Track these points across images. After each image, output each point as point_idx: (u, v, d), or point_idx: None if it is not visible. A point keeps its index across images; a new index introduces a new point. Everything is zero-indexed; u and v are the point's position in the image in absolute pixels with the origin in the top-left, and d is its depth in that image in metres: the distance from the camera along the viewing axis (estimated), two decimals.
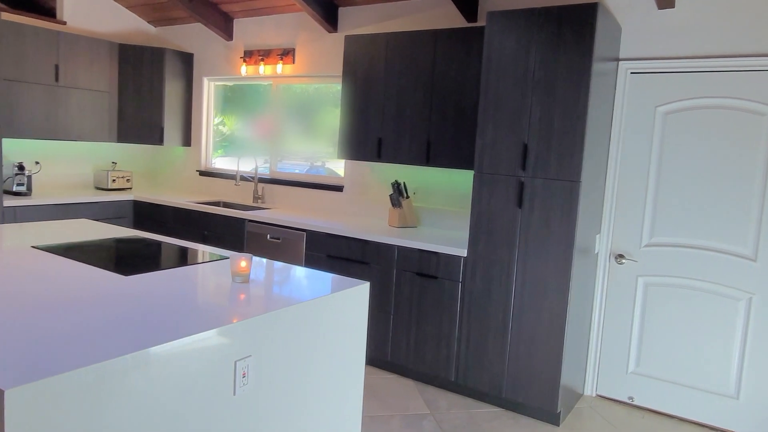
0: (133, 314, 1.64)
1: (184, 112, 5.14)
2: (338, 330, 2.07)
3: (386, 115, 3.68)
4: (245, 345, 1.68)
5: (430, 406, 3.07)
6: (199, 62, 5.14)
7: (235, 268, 2.11)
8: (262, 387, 1.76)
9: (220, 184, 5.07)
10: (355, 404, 2.21)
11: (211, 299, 1.85)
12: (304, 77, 4.54)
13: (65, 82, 4.48)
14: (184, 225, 4.43)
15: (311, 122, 4.61)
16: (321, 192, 4.45)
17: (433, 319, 3.26)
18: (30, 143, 4.60)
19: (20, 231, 2.79)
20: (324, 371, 2.02)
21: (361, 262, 3.52)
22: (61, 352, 1.33)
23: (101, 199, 4.53)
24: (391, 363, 3.50)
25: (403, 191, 3.88)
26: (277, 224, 3.89)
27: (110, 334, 1.47)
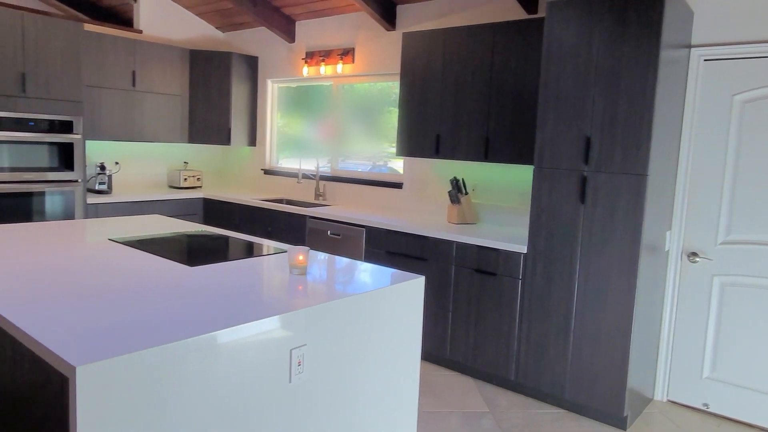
0: (196, 302, 1.72)
1: (249, 113, 5.33)
2: (393, 323, 2.08)
3: (444, 112, 3.66)
4: (301, 334, 1.73)
5: (489, 404, 3.02)
6: (264, 65, 5.31)
7: (293, 261, 2.17)
8: (317, 376, 1.79)
9: (284, 182, 5.22)
10: (410, 398, 2.21)
11: (269, 290, 1.91)
12: (364, 76, 4.59)
13: (141, 87, 4.76)
14: (250, 221, 4.59)
15: (373, 122, 4.65)
16: (381, 189, 4.48)
17: (492, 316, 3.21)
18: (110, 145, 4.92)
19: (100, 225, 2.99)
20: (378, 363, 2.04)
21: (420, 259, 3.52)
22: (129, 335, 1.41)
23: (174, 197, 4.78)
24: (450, 360, 3.48)
25: (462, 188, 3.84)
26: (338, 220, 3.96)
27: (174, 320, 1.54)
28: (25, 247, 2.37)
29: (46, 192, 3.98)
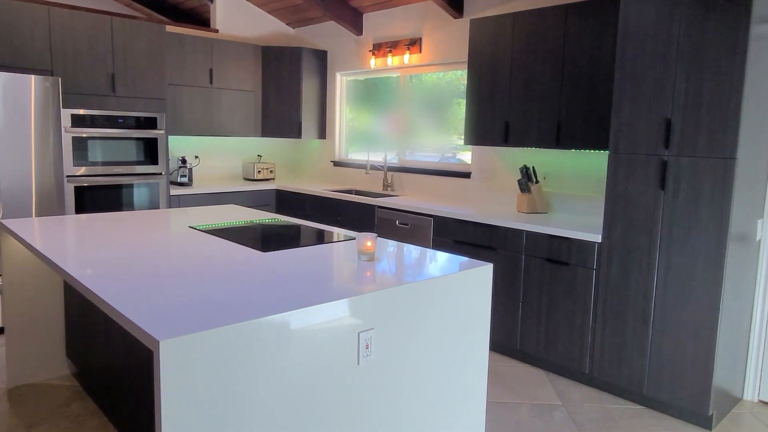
0: (268, 285, 1.79)
1: (319, 106, 5.44)
2: (461, 310, 2.06)
3: (513, 98, 3.57)
4: (368, 317, 1.75)
5: (561, 397, 2.94)
6: (332, 58, 5.40)
7: (361, 247, 2.20)
8: (384, 359, 1.82)
9: (353, 173, 5.29)
10: (479, 385, 2.19)
11: (338, 274, 1.95)
12: (431, 66, 4.56)
13: (218, 84, 4.97)
14: (320, 211, 4.70)
15: (441, 114, 4.62)
16: (448, 179, 4.45)
17: (564, 307, 3.11)
18: (190, 139, 5.18)
19: (181, 215, 3.17)
20: (446, 350, 2.03)
21: (488, 248, 3.47)
22: (208, 313, 1.49)
23: (249, 189, 4.97)
24: (520, 351, 3.41)
25: (532, 176, 3.74)
26: (406, 210, 3.97)
27: (249, 300, 1.61)
28: (115, 233, 2.55)
29: (134, 184, 4.25)
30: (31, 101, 3.60)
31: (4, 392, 2.82)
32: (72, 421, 2.55)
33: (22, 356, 2.91)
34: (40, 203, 3.69)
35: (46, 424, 2.52)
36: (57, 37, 3.83)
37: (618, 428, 2.64)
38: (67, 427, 2.50)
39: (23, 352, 2.92)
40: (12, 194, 3.57)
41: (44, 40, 3.78)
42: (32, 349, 2.95)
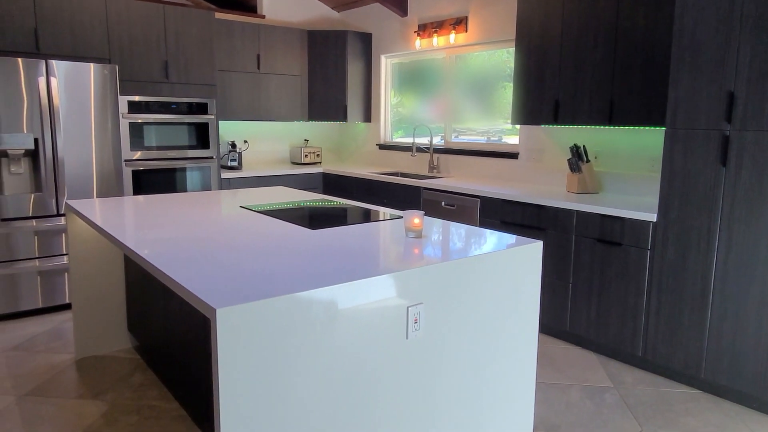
0: (318, 260, 1.82)
1: (364, 90, 5.45)
2: (510, 287, 2.05)
3: (563, 75, 3.47)
4: (417, 292, 1.76)
5: (613, 379, 2.88)
6: (377, 41, 5.39)
7: (409, 224, 2.20)
8: (433, 335, 1.82)
9: (398, 156, 5.29)
10: (528, 363, 2.17)
11: (385, 250, 1.96)
12: (477, 45, 4.49)
13: (265, 69, 5.05)
14: (367, 194, 4.73)
15: (487, 97, 4.55)
16: (495, 160, 4.39)
17: (617, 288, 3.04)
18: (239, 124, 5.30)
19: (232, 195, 3.26)
20: (494, 327, 2.02)
21: (537, 228, 3.41)
22: (260, 285, 1.54)
23: (296, 172, 5.05)
24: (569, 333, 3.35)
25: (583, 155, 3.64)
26: (452, 191, 3.95)
27: (300, 274, 1.65)
28: (172, 212, 2.65)
29: (187, 168, 4.39)
30: (90, 89, 3.76)
31: (73, 362, 2.99)
32: (135, 391, 2.69)
33: (87, 330, 3.08)
34: (101, 186, 3.87)
35: (112, 392, 2.67)
36: (114, 26, 3.97)
37: (673, 412, 2.57)
38: (131, 396, 2.64)
39: (88, 326, 3.09)
40: (75, 178, 3.76)
41: (102, 29, 3.93)
42: (96, 324, 3.11)
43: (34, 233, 3.65)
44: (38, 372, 2.87)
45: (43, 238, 3.68)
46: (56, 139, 3.66)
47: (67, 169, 3.72)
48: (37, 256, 3.67)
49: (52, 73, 3.60)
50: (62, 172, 3.70)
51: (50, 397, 2.62)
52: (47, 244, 3.70)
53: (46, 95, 3.59)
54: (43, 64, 3.56)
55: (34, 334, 3.39)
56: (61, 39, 3.77)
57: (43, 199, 3.65)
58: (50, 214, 3.70)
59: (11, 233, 3.57)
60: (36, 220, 3.65)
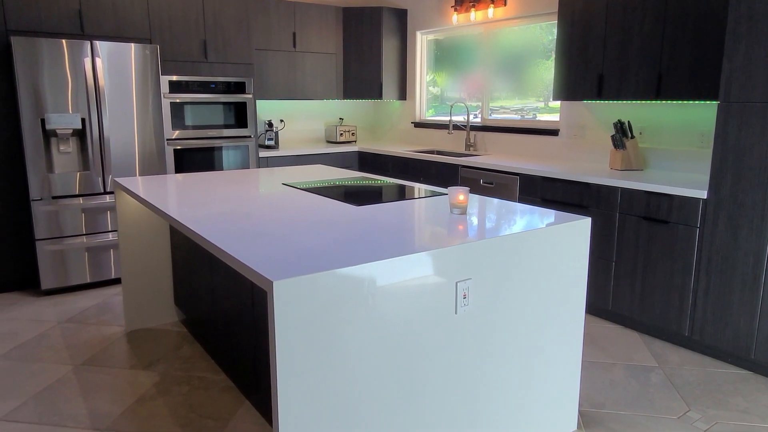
0: (366, 235, 1.83)
1: (399, 67, 5.40)
2: (557, 263, 2.02)
3: (608, 49, 3.37)
4: (465, 268, 1.76)
5: (658, 359, 2.84)
6: (413, 16, 5.31)
7: (454, 200, 2.19)
8: (481, 310, 1.82)
9: (434, 134, 5.25)
10: (574, 341, 2.15)
11: (432, 226, 1.96)
12: (517, 19, 4.38)
13: (301, 47, 5.04)
14: (403, 172, 4.72)
15: (522, 74, 4.45)
16: (534, 137, 4.31)
17: (663, 267, 2.97)
18: (275, 104, 5.33)
19: (273, 173, 3.29)
20: (542, 303, 2.01)
21: (579, 206, 3.35)
22: (313, 259, 1.55)
23: (331, 151, 5.06)
24: (612, 312, 3.31)
25: (627, 131, 3.55)
26: (490, 169, 3.90)
27: (349, 249, 1.66)
28: (218, 190, 2.69)
29: (225, 147, 4.45)
30: (134, 68, 3.82)
31: (123, 335, 3.10)
32: (184, 363, 2.77)
33: (136, 304, 3.18)
34: (144, 165, 3.95)
35: (162, 364, 2.76)
36: (154, 5, 4.01)
37: (721, 392, 2.52)
38: (180, 367, 2.72)
39: (137, 299, 3.18)
40: (120, 157, 3.85)
41: (143, 9, 3.97)
42: (144, 298, 3.21)
43: (81, 210, 3.76)
44: (92, 343, 2.99)
45: (90, 215, 3.79)
46: (102, 118, 3.74)
47: (112, 148, 3.81)
48: (84, 232, 3.78)
49: (97, 54, 3.66)
50: (108, 151, 3.79)
51: (105, 366, 2.72)
52: (94, 221, 3.81)
53: (92, 75, 3.67)
54: (88, 45, 3.63)
55: (85, 307, 3.51)
56: (104, 20, 3.83)
57: (90, 177, 3.76)
58: (97, 192, 3.81)
59: (60, 210, 3.69)
60: (83, 197, 3.76)
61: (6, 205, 3.66)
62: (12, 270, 3.73)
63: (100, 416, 2.30)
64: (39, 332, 3.12)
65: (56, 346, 2.94)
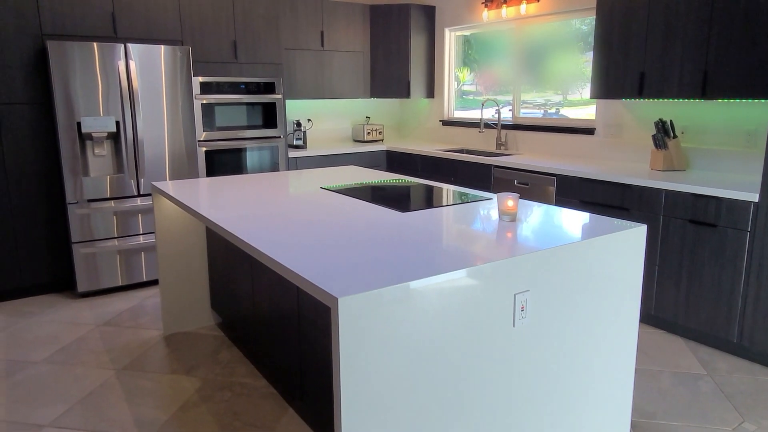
0: (418, 246, 1.79)
1: (427, 64, 5.34)
2: (612, 273, 1.97)
3: (650, 46, 3.28)
4: (523, 279, 1.71)
5: (705, 366, 2.77)
6: (441, 13, 5.24)
7: (503, 207, 2.14)
8: (538, 322, 1.78)
9: (462, 132, 5.18)
10: (628, 350, 2.10)
11: (483, 235, 1.92)
12: (551, 15, 4.29)
13: (328, 46, 5.01)
14: (433, 172, 4.67)
15: (546, 64, 4.37)
16: (569, 136, 4.23)
17: (709, 272, 2.89)
18: (302, 103, 5.31)
19: (308, 176, 3.26)
20: (597, 312, 1.96)
21: (620, 208, 3.28)
22: (372, 272, 1.52)
23: (359, 150, 5.03)
24: (655, 317, 3.24)
25: (669, 130, 3.46)
26: (525, 169, 3.84)
27: (405, 261, 1.62)
28: (257, 194, 2.67)
29: (255, 148, 4.44)
30: (166, 70, 3.81)
31: (161, 338, 3.11)
32: (224, 367, 2.77)
33: (174, 307, 3.19)
34: (176, 166, 3.96)
35: (203, 369, 2.76)
36: (185, 7, 4.00)
37: None
38: (220, 372, 2.72)
39: (175, 303, 3.19)
40: (152, 158, 3.85)
41: (174, 10, 3.96)
42: (182, 301, 3.21)
43: (114, 213, 3.78)
44: (131, 347, 3.00)
45: (123, 218, 3.81)
46: (136, 121, 3.74)
47: (146, 150, 3.82)
48: (117, 235, 3.80)
49: (130, 57, 3.66)
50: (142, 153, 3.80)
51: (146, 371, 2.73)
52: (126, 224, 3.83)
53: (126, 78, 3.67)
54: (122, 48, 3.63)
55: (121, 310, 3.53)
56: (136, 22, 3.83)
57: (123, 180, 3.77)
58: (130, 195, 3.82)
59: (95, 213, 3.70)
60: (116, 200, 3.77)
61: (44, 208, 3.69)
62: (49, 272, 3.76)
63: (147, 423, 2.30)
64: (78, 335, 3.14)
65: (96, 350, 2.96)
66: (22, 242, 3.65)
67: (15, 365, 2.79)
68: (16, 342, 3.06)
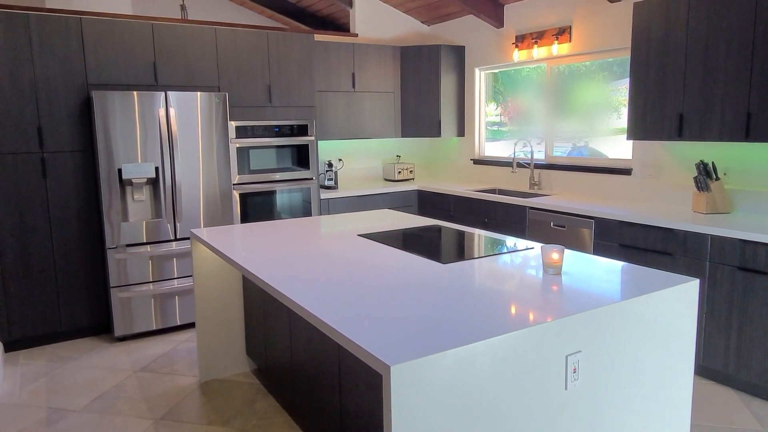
0: (464, 305, 1.75)
1: (457, 103, 5.37)
2: (664, 330, 1.90)
3: (689, 87, 3.24)
4: (575, 340, 1.66)
5: (762, 422, 2.63)
6: (471, 53, 5.29)
7: (548, 260, 2.10)
8: (592, 383, 1.71)
9: (494, 171, 5.16)
10: (683, 408, 2.01)
11: (528, 291, 1.87)
12: (583, 55, 4.29)
13: (359, 87, 5.08)
14: (465, 213, 4.64)
15: (577, 100, 4.35)
16: (604, 176, 4.17)
17: (762, 321, 2.77)
18: (332, 144, 5.36)
19: (342, 221, 3.26)
20: (650, 371, 1.88)
21: (663, 253, 3.19)
22: (422, 335, 1.49)
23: (390, 190, 5.04)
24: (704, 368, 3.11)
25: (712, 172, 3.38)
26: (562, 211, 3.78)
27: (455, 322, 1.59)
28: (296, 245, 2.67)
29: (288, 189, 4.48)
30: (203, 116, 3.91)
31: (197, 386, 3.10)
32: (260, 418, 2.73)
33: (210, 353, 3.18)
34: (211, 210, 4.01)
35: (239, 419, 2.73)
36: (222, 55, 4.12)
37: None
38: (258, 423, 2.69)
39: (211, 349, 3.18)
40: (189, 202, 3.92)
41: (212, 59, 4.08)
42: (218, 347, 3.21)
43: (150, 258, 3.83)
44: (168, 395, 2.99)
45: (159, 262, 3.86)
46: (174, 166, 3.82)
47: (183, 195, 3.88)
48: (152, 279, 3.84)
49: (170, 104, 3.77)
50: (179, 198, 3.86)
51: (183, 422, 2.71)
52: (162, 268, 3.87)
53: (165, 125, 3.77)
54: (162, 96, 3.74)
55: (157, 355, 3.54)
56: (176, 71, 3.95)
57: (161, 224, 3.83)
58: (166, 239, 3.87)
59: (132, 258, 3.76)
60: (152, 245, 3.83)
61: (84, 252, 3.76)
62: (88, 316, 3.81)
63: None
64: (117, 382, 3.15)
65: (134, 398, 2.96)
66: (63, 285, 3.71)
67: (56, 413, 2.80)
68: (56, 388, 3.08)
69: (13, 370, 3.34)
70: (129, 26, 3.77)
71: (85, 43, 3.64)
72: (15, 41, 3.45)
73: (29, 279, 3.61)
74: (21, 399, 2.96)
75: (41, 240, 3.62)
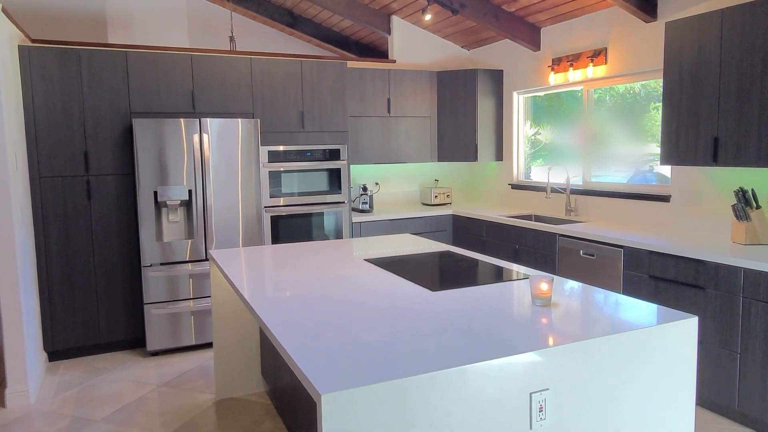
0: (435, 332, 1.71)
1: (495, 127, 5.30)
2: (655, 372, 1.76)
3: (723, 110, 3.04)
4: (542, 377, 1.58)
5: None
6: (508, 77, 5.22)
7: (536, 291, 2.02)
8: (561, 424, 1.61)
9: (532, 196, 5.03)
10: None
11: (509, 322, 1.80)
12: (619, 77, 4.13)
13: (395, 112, 5.13)
14: (497, 238, 4.53)
15: (634, 123, 4.16)
16: (642, 203, 3.96)
17: None
18: (369, 167, 5.43)
19: (358, 246, 3.29)
20: (638, 419, 1.74)
21: (694, 287, 2.97)
22: (371, 363, 1.47)
23: (425, 214, 5.02)
24: (738, 413, 2.84)
25: (752, 200, 3.13)
26: (591, 239, 3.62)
27: (413, 351, 1.55)
28: (297, 266, 2.72)
29: (320, 213, 4.57)
30: (237, 142, 4.08)
31: (213, 403, 3.19)
32: None
33: (226, 372, 3.27)
34: (244, 232, 4.16)
35: None
36: (257, 82, 4.30)
37: None
38: None
39: (228, 368, 3.27)
40: (221, 224, 4.08)
41: (247, 86, 4.27)
42: (235, 366, 3.29)
43: (188, 276, 4.01)
44: (183, 411, 3.09)
45: (195, 280, 4.03)
46: (206, 189, 4.01)
47: (215, 216, 4.06)
48: (186, 297, 4.02)
49: (205, 130, 3.97)
50: (210, 220, 4.04)
51: None
52: (198, 286, 4.04)
53: (200, 150, 3.97)
54: (197, 122, 3.95)
55: (184, 370, 3.68)
56: (212, 99, 4.16)
57: (195, 244, 4.01)
58: (200, 259, 4.05)
59: (166, 276, 3.95)
60: (187, 264, 4.01)
61: (123, 270, 4.00)
62: (125, 330, 4.03)
63: None
64: (140, 395, 3.30)
65: (152, 412, 3.08)
66: (102, 300, 3.96)
67: (78, 422, 2.97)
68: (84, 398, 3.27)
69: (52, 378, 3.57)
70: (170, 58, 4.03)
71: (129, 75, 3.93)
72: (68, 74, 3.78)
73: (73, 293, 3.88)
74: (51, 407, 3.16)
75: (84, 257, 3.89)
